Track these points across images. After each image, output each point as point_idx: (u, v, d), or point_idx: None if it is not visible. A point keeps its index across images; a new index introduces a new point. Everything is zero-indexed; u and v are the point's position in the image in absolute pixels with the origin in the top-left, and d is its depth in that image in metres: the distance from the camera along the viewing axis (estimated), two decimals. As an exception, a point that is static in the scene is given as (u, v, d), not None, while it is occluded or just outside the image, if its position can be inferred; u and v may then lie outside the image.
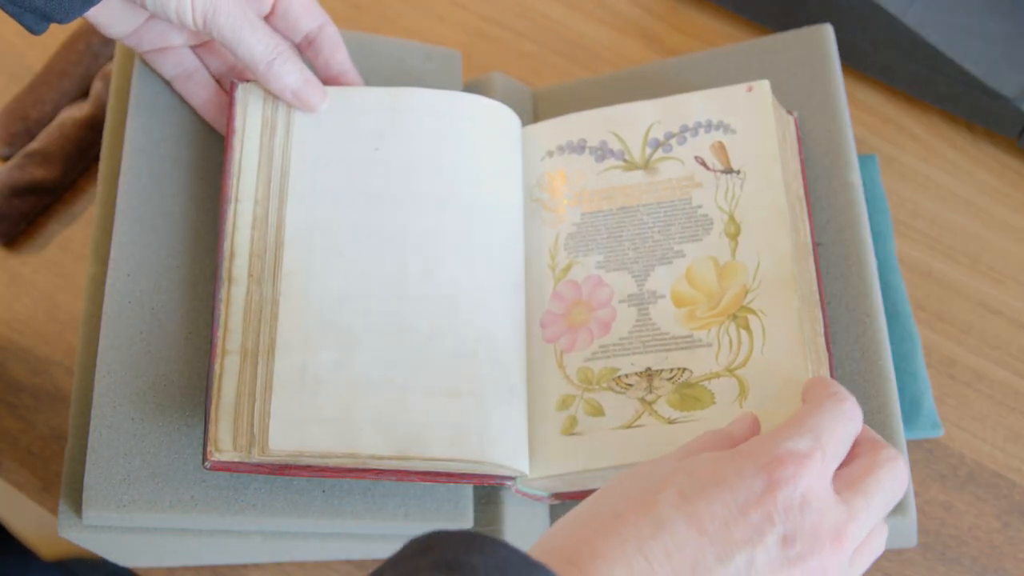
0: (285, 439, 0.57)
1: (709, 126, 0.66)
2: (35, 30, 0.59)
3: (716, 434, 0.53)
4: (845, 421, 0.51)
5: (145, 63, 0.67)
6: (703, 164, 0.65)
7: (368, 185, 0.64)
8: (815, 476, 0.48)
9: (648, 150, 0.66)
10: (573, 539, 0.47)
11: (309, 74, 0.64)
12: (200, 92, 0.66)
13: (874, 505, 0.50)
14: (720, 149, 0.65)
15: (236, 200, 0.62)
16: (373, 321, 0.60)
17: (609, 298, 0.63)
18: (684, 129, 0.66)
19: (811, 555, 0.47)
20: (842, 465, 0.51)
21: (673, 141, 0.66)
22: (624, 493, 0.48)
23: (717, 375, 0.60)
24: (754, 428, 0.54)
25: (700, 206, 0.64)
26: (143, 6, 0.60)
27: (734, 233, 0.63)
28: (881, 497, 0.50)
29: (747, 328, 0.60)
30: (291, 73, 0.63)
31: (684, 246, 0.63)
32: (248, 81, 0.65)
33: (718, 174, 0.64)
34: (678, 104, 0.67)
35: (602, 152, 0.67)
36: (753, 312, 0.60)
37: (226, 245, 0.61)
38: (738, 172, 0.64)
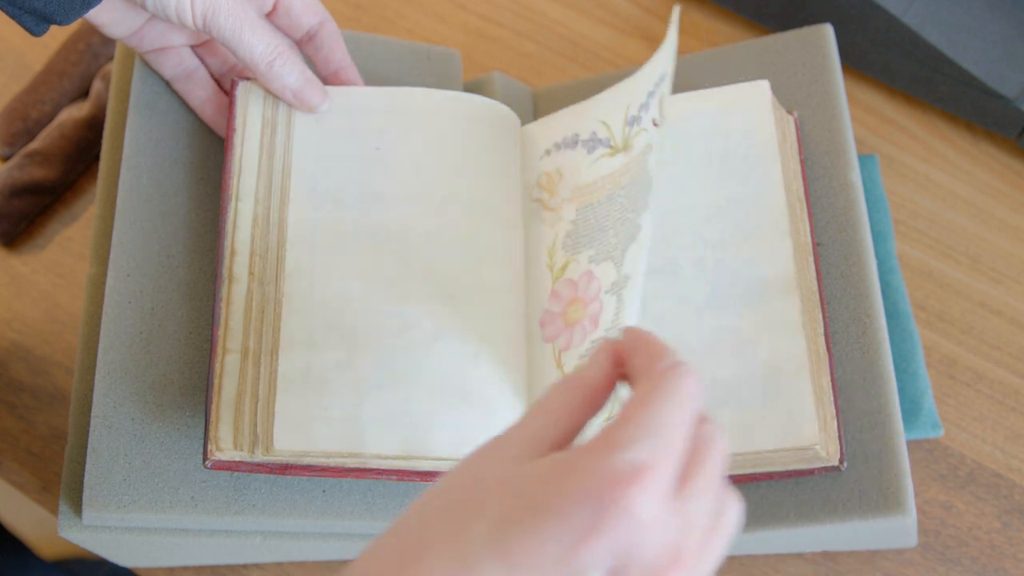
0: (290, 439, 0.57)
1: (663, 80, 0.58)
2: (35, 31, 0.59)
3: (570, 386, 0.44)
4: (690, 409, 0.41)
5: (145, 63, 0.67)
6: (654, 123, 0.60)
7: (369, 185, 0.64)
8: (651, 495, 0.39)
9: (628, 129, 0.62)
10: (381, 566, 0.41)
11: (309, 74, 0.64)
12: (200, 92, 0.66)
13: (709, 500, 0.42)
14: (661, 102, 0.59)
15: (237, 198, 0.62)
16: (376, 321, 0.60)
17: (597, 291, 0.61)
18: (649, 95, 0.61)
19: None
20: None
21: (642, 112, 0.62)
22: (435, 515, 0.42)
23: None
24: (613, 362, 0.45)
25: (651, 168, 0.59)
26: (143, 7, 0.60)
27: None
28: (713, 487, 0.42)
29: None
30: (291, 73, 0.63)
31: (642, 216, 0.58)
32: (248, 79, 0.65)
33: (661, 128, 0.59)
34: (651, 76, 0.61)
35: (592, 143, 0.66)
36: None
37: (226, 243, 0.61)
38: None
